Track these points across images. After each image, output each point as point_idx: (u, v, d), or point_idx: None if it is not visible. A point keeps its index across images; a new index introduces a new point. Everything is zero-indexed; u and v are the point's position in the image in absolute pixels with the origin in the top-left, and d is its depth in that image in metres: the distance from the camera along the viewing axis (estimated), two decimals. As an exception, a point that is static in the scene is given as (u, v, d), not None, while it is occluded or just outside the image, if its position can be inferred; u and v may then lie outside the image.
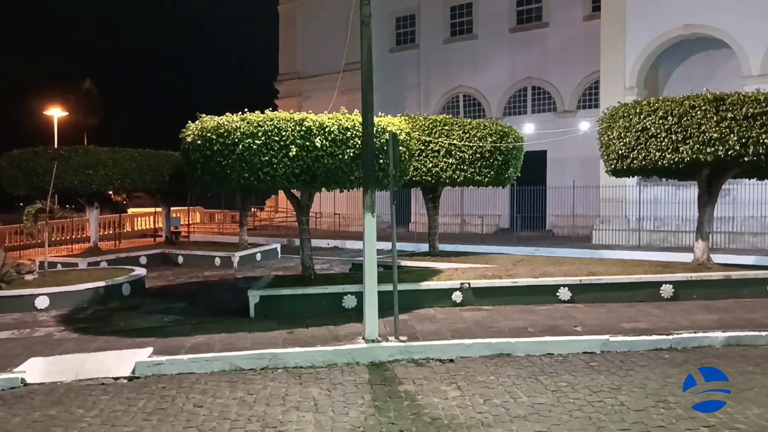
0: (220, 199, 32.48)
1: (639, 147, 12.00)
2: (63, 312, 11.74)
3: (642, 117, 11.89)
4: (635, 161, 12.18)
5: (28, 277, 13.15)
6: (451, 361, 8.06)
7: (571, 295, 11.21)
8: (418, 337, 8.74)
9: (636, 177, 15.96)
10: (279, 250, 21.66)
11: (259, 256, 20.12)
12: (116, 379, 7.65)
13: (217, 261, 19.08)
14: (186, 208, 31.42)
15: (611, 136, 12.68)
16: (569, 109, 26.84)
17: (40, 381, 7.58)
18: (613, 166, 12.94)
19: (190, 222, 31.15)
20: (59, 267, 16.99)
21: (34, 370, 7.82)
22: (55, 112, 37.17)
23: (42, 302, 11.96)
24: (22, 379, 7.54)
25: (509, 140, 14.64)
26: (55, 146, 21.34)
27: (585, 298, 11.19)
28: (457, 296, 11.12)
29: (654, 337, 8.61)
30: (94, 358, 8.28)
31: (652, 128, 11.70)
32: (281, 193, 28.62)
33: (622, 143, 12.33)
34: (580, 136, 23.45)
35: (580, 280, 11.34)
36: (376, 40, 8.92)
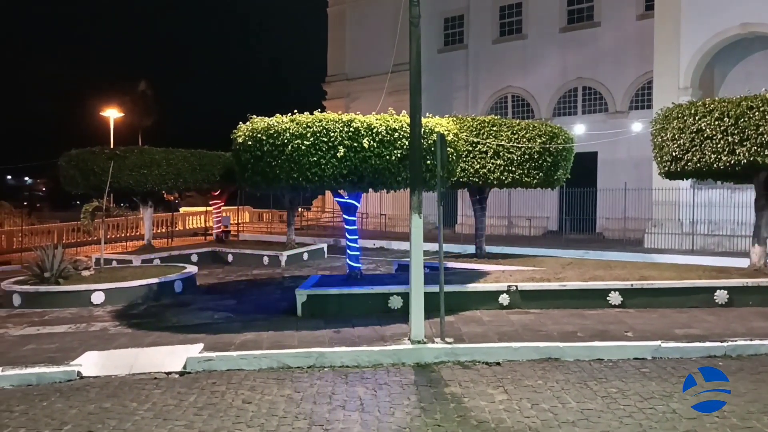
0: (269, 198, 32.97)
1: (694, 149, 11.68)
2: (118, 307, 12.09)
3: (697, 118, 11.56)
4: (690, 163, 11.85)
5: (85, 273, 13.58)
6: (498, 364, 7.99)
7: (622, 299, 10.98)
8: (465, 339, 8.69)
9: (690, 180, 15.53)
10: (325, 249, 21.85)
11: (306, 256, 20.33)
12: (168, 373, 7.84)
13: (266, 260, 19.35)
14: (236, 207, 32.01)
15: (665, 138, 12.37)
16: (621, 109, 26.28)
17: (95, 374, 7.82)
18: (666, 169, 12.63)
19: (240, 221, 31.71)
20: (114, 264, 17.51)
21: (90, 363, 8.08)
22: (112, 113, 38.32)
23: (98, 298, 12.35)
24: (79, 372, 7.80)
25: (559, 141, 14.42)
26: (112, 146, 22.01)
27: (636, 303, 10.94)
28: (504, 299, 11.02)
29: (708, 344, 8.36)
30: (147, 353, 8.51)
31: (708, 130, 11.37)
32: (328, 193, 28.92)
33: (676, 145, 12.02)
34: (632, 137, 22.97)
35: (632, 285, 11.10)
36: (424, 40, 8.92)
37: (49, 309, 11.96)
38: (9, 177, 69.06)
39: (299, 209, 31.50)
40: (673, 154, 12.13)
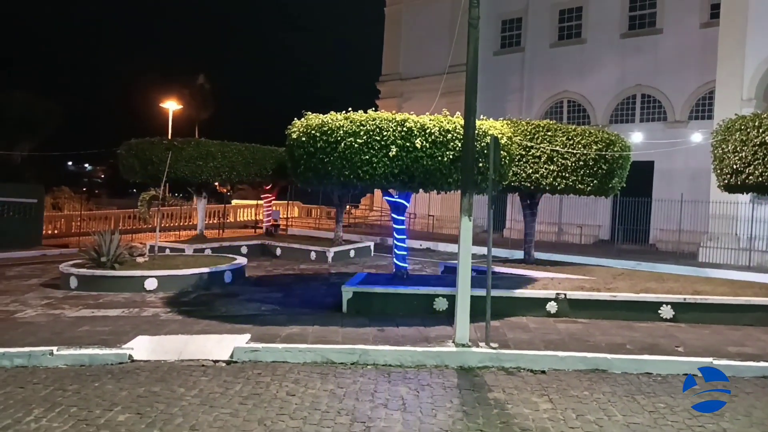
0: (318, 195, 33.32)
1: (756, 162, 11.28)
2: (169, 294, 12.40)
3: (761, 131, 11.16)
4: (751, 177, 11.45)
5: (140, 259, 13.97)
6: (543, 372, 7.89)
7: (673, 313, 10.70)
8: (510, 345, 8.61)
9: (750, 194, 15.02)
10: (372, 248, 21.92)
11: (352, 253, 20.45)
12: (215, 362, 8.01)
13: (313, 255, 19.54)
14: (286, 202, 32.44)
15: (726, 150, 11.98)
16: (680, 119, 25.58)
17: (146, 358, 8.04)
18: (726, 181, 12.23)
19: (289, 216, 32.12)
20: (167, 251, 17.96)
21: (141, 347, 8.31)
22: (171, 105, 39.29)
23: (151, 284, 12.69)
24: (130, 356, 8.03)
25: (615, 149, 14.12)
26: (169, 137, 22.58)
27: (688, 318, 10.64)
28: (551, 306, 10.86)
29: (762, 364, 8.07)
30: (195, 341, 8.71)
31: (773, 143, 10.96)
32: (377, 191, 29.03)
33: (737, 157, 11.63)
34: (691, 148, 22.31)
35: (684, 299, 10.79)
36: (480, 42, 8.84)
37: (103, 292, 12.35)
38: (70, 163, 71.47)
39: (347, 207, 31.73)
40: (734, 166, 11.74)
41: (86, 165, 77.12)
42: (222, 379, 7.28)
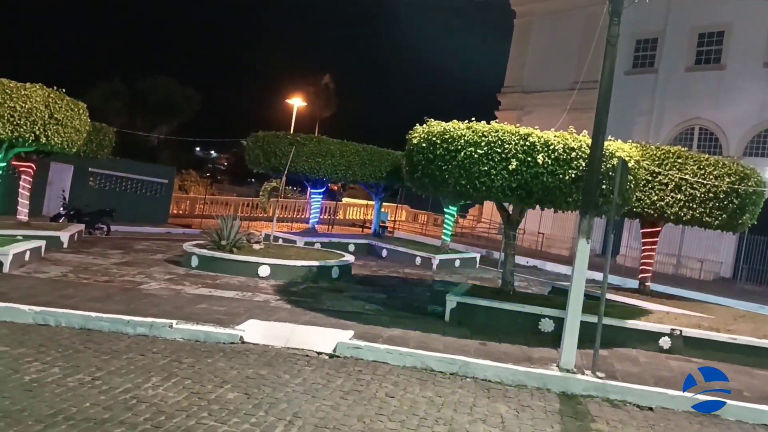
0: (428, 201, 33.40)
1: None
2: (279, 283, 12.88)
3: None
4: None
5: (256, 246, 14.60)
6: (651, 409, 7.51)
7: (801, 365, 9.86)
8: (617, 376, 8.26)
9: None
10: (478, 259, 21.72)
11: (458, 263, 20.35)
12: (319, 353, 8.22)
13: (418, 260, 19.63)
14: (394, 205, 32.81)
15: None
16: (827, 157, 23.57)
17: (255, 341, 8.38)
18: None
19: (396, 219, 32.45)
20: (280, 241, 18.65)
21: (252, 330, 8.67)
22: (296, 102, 40.80)
23: (264, 271, 13.23)
24: (241, 337, 8.40)
25: (750, 183, 13.21)
26: (292, 132, 23.47)
27: (819, 373, 9.77)
28: (664, 342, 10.32)
29: None
30: (302, 330, 8.99)
31: None
32: (487, 203, 28.69)
33: None
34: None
35: (816, 352, 9.92)
36: (614, 61, 8.55)
37: (220, 274, 13.01)
38: (198, 148, 75.74)
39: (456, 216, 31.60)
40: None
41: (212, 152, 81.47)
42: (325, 371, 7.46)
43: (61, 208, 18.95)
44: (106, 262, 13.39)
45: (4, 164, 12.95)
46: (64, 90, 12.17)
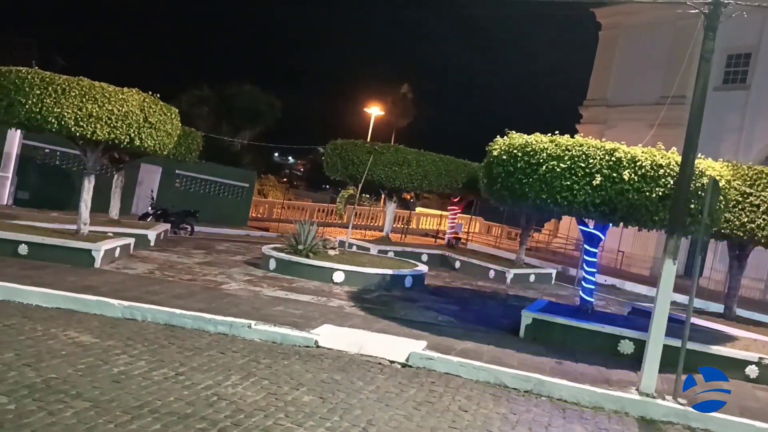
0: (501, 213, 33.01)
1: None
2: (353, 289, 13.01)
3: None
4: None
5: (331, 252, 14.81)
6: (737, 441, 7.14)
7: None
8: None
9: None
10: (554, 275, 21.26)
11: (532, 278, 19.97)
12: (391, 362, 8.25)
13: (492, 273, 19.39)
14: (468, 216, 32.58)
15: None
16: None
17: (329, 346, 8.50)
18: None
19: (470, 230, 32.21)
20: (354, 248, 18.84)
21: (326, 335, 8.80)
22: (374, 111, 41.23)
23: (338, 276, 13.40)
24: (316, 341, 8.53)
25: None
26: (368, 141, 23.72)
27: None
28: (751, 370, 9.79)
29: None
30: (375, 338, 9.04)
31: None
32: (565, 218, 28.06)
33: None
34: None
35: None
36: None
37: (296, 278, 13.28)
38: (276, 154, 77.63)
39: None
40: None
41: (289, 157, 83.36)
42: (397, 380, 7.48)
43: (150, 208, 19.84)
44: (189, 261, 13.91)
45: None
46: (158, 95, 12.74)
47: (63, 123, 11.34)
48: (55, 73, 11.67)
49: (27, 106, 11.24)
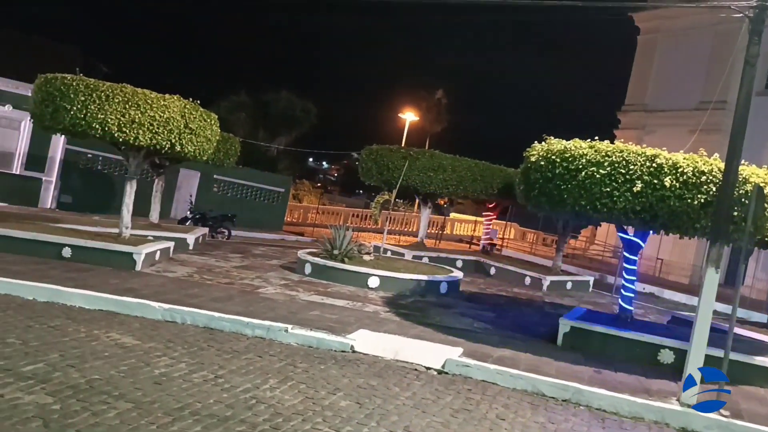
0: (537, 220, 32.65)
1: None
2: (388, 295, 13.02)
3: None
4: None
5: (366, 257, 14.85)
6: (783, 456, 6.95)
7: None
8: (743, 415, 7.71)
9: None
10: (591, 283, 20.95)
11: (569, 285, 19.72)
12: (427, 368, 8.22)
13: (527, 280, 19.21)
14: (503, 222, 32.33)
15: None
16: None
17: (365, 351, 8.52)
18: None
19: (505, 237, 31.96)
20: (389, 254, 18.85)
21: (362, 340, 8.81)
22: (409, 116, 41.27)
23: (373, 282, 13.44)
24: (352, 346, 8.56)
25: None
26: (402, 146, 23.75)
27: None
28: (798, 383, 9.52)
29: None
30: (410, 344, 9.03)
31: None
32: (603, 225, 27.67)
33: None
34: None
35: None
36: (748, 81, 8.05)
37: (332, 282, 13.35)
38: (311, 159, 78.23)
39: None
40: None
41: (324, 163, 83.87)
42: (434, 386, 7.46)
43: (188, 212, 20.18)
44: (227, 265, 14.10)
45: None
46: (198, 101, 12.97)
47: (107, 129, 11.61)
48: (99, 80, 11.96)
49: (72, 113, 11.54)
